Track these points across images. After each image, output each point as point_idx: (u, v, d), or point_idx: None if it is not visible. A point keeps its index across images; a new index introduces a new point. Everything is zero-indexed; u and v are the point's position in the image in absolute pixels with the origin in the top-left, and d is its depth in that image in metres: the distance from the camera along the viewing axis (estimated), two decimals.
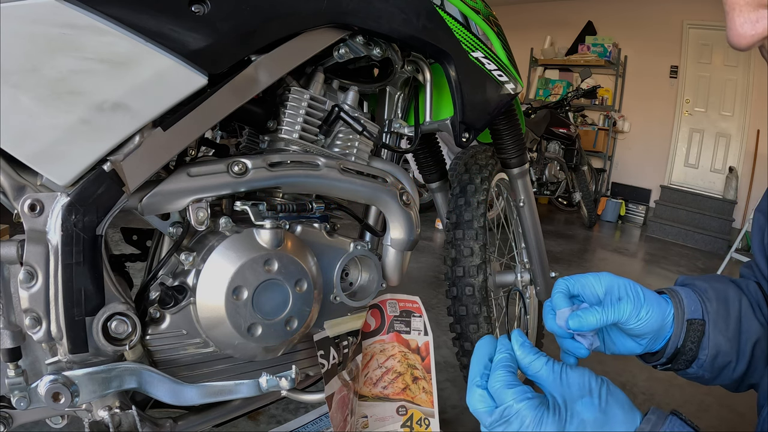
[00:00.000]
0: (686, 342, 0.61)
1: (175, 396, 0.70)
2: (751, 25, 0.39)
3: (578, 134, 4.89)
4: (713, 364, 0.62)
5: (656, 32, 5.76)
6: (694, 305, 0.62)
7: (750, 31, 0.39)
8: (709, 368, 0.62)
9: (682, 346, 0.62)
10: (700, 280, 0.66)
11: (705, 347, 0.61)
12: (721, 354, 0.61)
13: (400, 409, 1.00)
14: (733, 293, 0.64)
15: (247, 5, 0.66)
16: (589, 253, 4.15)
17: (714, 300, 0.62)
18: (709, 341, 0.61)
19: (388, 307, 1.01)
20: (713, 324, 0.61)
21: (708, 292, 0.63)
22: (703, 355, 0.62)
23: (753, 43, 0.40)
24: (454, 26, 0.90)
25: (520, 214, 1.45)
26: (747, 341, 0.62)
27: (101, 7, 0.57)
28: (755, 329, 0.62)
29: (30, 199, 0.59)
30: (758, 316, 0.63)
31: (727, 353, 0.61)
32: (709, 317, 0.61)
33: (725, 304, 0.62)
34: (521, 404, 0.49)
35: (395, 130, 0.97)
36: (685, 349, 0.62)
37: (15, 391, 0.59)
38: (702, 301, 0.62)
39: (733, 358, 0.62)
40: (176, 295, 0.70)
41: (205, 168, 0.69)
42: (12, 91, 0.54)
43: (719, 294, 0.63)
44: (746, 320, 0.62)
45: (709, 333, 0.61)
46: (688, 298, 0.62)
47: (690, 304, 0.62)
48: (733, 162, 5.51)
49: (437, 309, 2.29)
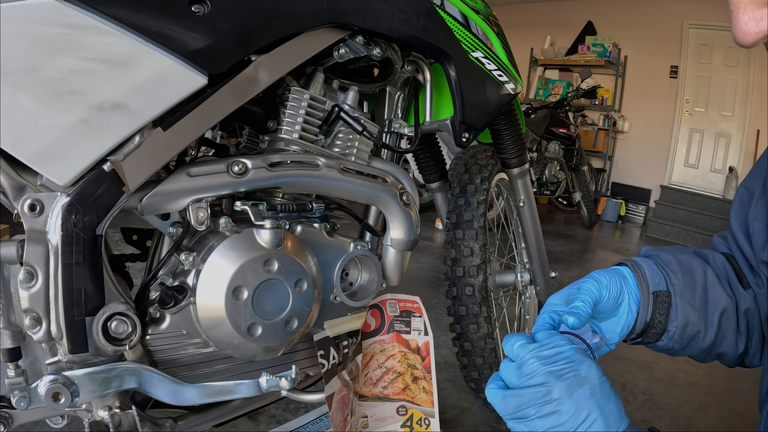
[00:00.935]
0: (654, 315, 0.62)
1: (175, 396, 0.70)
2: (755, 22, 0.40)
3: (578, 134, 4.89)
4: (683, 334, 0.63)
5: (656, 32, 5.75)
6: (657, 278, 0.63)
7: (754, 29, 0.40)
8: (679, 339, 0.63)
9: (651, 320, 0.63)
10: (663, 252, 0.67)
11: (674, 318, 0.62)
12: (690, 324, 0.62)
13: (400, 409, 1.00)
14: (698, 264, 0.65)
15: (247, 5, 0.66)
16: (589, 253, 4.15)
17: (678, 271, 0.63)
18: (678, 312, 0.62)
19: (388, 307, 1.01)
20: (680, 295, 0.62)
21: (672, 264, 0.64)
22: (673, 326, 0.63)
23: (757, 41, 0.41)
24: (454, 26, 0.90)
25: (520, 214, 1.45)
26: (714, 311, 0.63)
27: (101, 7, 0.57)
28: (722, 299, 0.63)
29: (30, 199, 0.59)
30: (726, 288, 0.64)
31: (696, 323, 0.63)
32: (675, 289, 0.62)
33: (690, 275, 0.63)
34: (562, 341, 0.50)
35: (395, 130, 0.97)
36: (654, 322, 0.63)
37: (15, 391, 0.59)
38: (665, 273, 0.63)
39: (702, 327, 0.63)
40: (176, 295, 0.70)
41: (205, 168, 0.69)
42: (12, 91, 0.54)
43: (683, 265, 0.64)
44: (712, 290, 0.63)
45: (676, 304, 0.62)
46: (650, 272, 0.63)
47: (653, 277, 0.62)
48: (733, 162, 5.51)
49: (437, 309, 2.29)
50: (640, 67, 5.96)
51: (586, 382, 0.47)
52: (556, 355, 0.49)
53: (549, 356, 0.49)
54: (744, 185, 0.68)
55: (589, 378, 0.47)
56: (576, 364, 0.48)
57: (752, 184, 0.66)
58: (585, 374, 0.47)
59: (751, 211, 0.64)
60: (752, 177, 0.67)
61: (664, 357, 2.07)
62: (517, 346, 0.51)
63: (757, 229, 0.63)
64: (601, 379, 0.48)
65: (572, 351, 0.49)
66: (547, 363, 0.48)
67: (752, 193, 0.65)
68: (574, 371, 0.48)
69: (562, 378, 0.47)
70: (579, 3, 6.32)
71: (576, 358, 0.49)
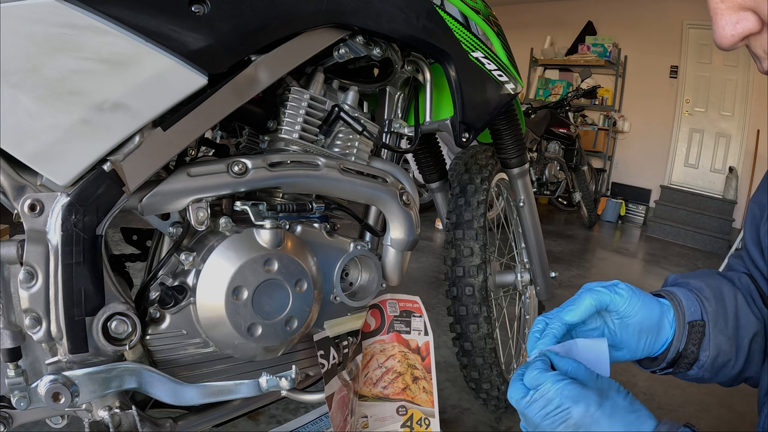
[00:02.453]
0: (688, 345, 0.61)
1: (175, 396, 0.70)
2: (732, 26, 0.42)
3: (578, 134, 4.89)
4: (714, 364, 0.62)
5: (656, 32, 5.75)
6: (693, 306, 0.61)
7: (731, 32, 0.43)
8: (710, 368, 0.62)
9: (684, 349, 0.61)
10: (693, 279, 0.66)
11: (706, 348, 0.61)
12: (722, 354, 0.61)
13: (400, 409, 1.00)
14: (728, 289, 0.63)
15: (247, 5, 0.66)
16: (589, 253, 4.14)
17: (712, 299, 0.62)
18: (710, 342, 0.61)
19: (388, 307, 1.01)
20: (713, 324, 0.61)
21: (704, 290, 0.63)
22: (704, 356, 0.61)
23: (734, 43, 0.43)
24: (454, 26, 0.90)
25: (520, 214, 1.46)
26: (745, 337, 0.62)
27: (101, 7, 0.57)
28: (752, 324, 0.62)
29: (30, 199, 0.59)
30: (753, 310, 0.63)
31: (727, 352, 0.61)
32: (709, 317, 0.61)
33: (722, 302, 0.62)
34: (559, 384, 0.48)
35: (395, 130, 0.97)
36: (687, 352, 0.61)
37: (15, 391, 0.59)
38: (700, 300, 0.62)
39: (732, 356, 0.62)
40: (176, 295, 0.70)
41: (205, 168, 0.69)
42: (12, 91, 0.54)
43: (715, 292, 0.63)
44: (743, 316, 0.62)
45: (709, 333, 0.61)
46: (686, 300, 0.62)
47: (689, 305, 0.61)
48: (733, 162, 5.51)
49: (437, 309, 2.28)
50: (640, 67, 5.96)
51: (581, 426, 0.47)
52: (546, 405, 0.48)
53: (540, 409, 0.48)
54: (753, 201, 0.68)
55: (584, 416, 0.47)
56: (567, 412, 0.47)
57: (762, 199, 0.65)
58: (578, 418, 0.47)
59: (763, 225, 0.64)
60: (761, 192, 0.66)
61: None
62: (515, 402, 0.51)
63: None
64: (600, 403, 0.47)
65: (559, 392, 0.48)
66: (542, 418, 0.48)
67: (763, 208, 0.65)
68: (565, 420, 0.47)
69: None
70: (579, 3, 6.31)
71: (565, 400, 0.47)
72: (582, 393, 0.47)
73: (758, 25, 0.42)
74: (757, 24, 0.42)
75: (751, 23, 0.42)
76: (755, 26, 0.42)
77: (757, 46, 0.44)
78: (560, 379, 0.48)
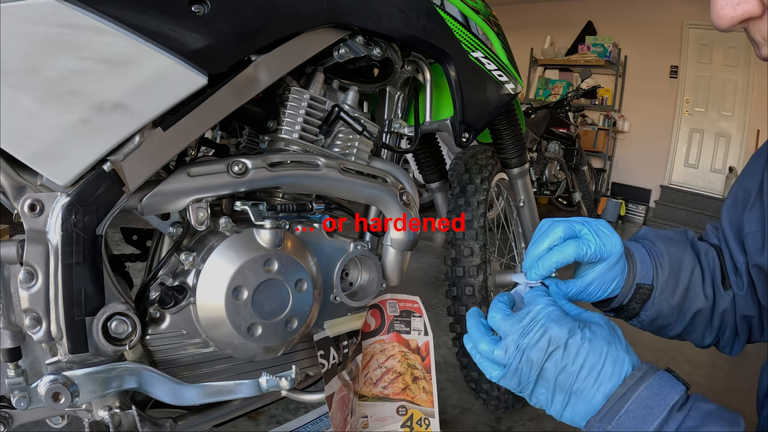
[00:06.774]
0: (631, 302, 0.65)
1: (175, 396, 0.70)
2: (731, 7, 0.42)
3: (578, 134, 4.89)
4: (652, 324, 0.67)
5: (656, 32, 5.75)
6: (646, 270, 0.65)
7: (730, 13, 0.42)
8: (648, 325, 0.67)
9: (626, 305, 0.65)
10: (660, 242, 0.68)
11: (648, 309, 0.65)
12: (661, 317, 0.66)
13: (400, 409, 1.00)
14: (688, 263, 0.66)
15: (247, 5, 0.66)
16: None
17: (667, 267, 0.65)
18: (653, 305, 0.65)
19: (388, 307, 1.01)
20: (659, 291, 0.65)
21: (663, 257, 0.66)
22: (645, 315, 0.66)
23: (733, 24, 0.43)
24: (454, 26, 0.90)
25: (520, 214, 1.46)
26: (689, 309, 0.66)
27: (101, 7, 0.57)
28: (699, 301, 0.66)
29: (30, 199, 0.59)
30: (705, 288, 0.66)
31: (667, 317, 0.66)
32: (658, 284, 0.65)
33: (677, 274, 0.65)
34: (547, 309, 0.50)
35: (395, 130, 0.97)
36: (628, 307, 0.65)
37: (15, 391, 0.59)
38: (655, 266, 0.65)
39: (672, 321, 0.66)
40: (176, 295, 0.70)
41: (205, 168, 0.69)
42: (12, 91, 0.54)
43: (673, 262, 0.66)
44: (693, 291, 0.66)
45: (654, 298, 0.65)
46: (642, 263, 0.65)
47: (642, 269, 0.64)
48: (733, 162, 5.51)
49: (437, 309, 2.28)
50: (640, 67, 5.95)
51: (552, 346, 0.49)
52: (530, 322, 0.51)
53: (518, 323, 0.51)
54: (740, 184, 0.69)
55: (558, 337, 0.49)
56: (544, 329, 0.50)
57: (748, 184, 0.67)
58: (554, 336, 0.49)
59: (746, 213, 0.65)
60: (748, 176, 0.68)
61: (664, 356, 2.07)
62: (495, 322, 0.55)
63: (752, 231, 0.63)
64: (581, 329, 0.49)
65: (545, 312, 0.50)
66: (522, 336, 0.50)
67: (748, 193, 0.66)
68: (541, 338, 0.49)
69: (534, 349, 0.49)
70: (579, 3, 6.31)
71: (548, 320, 0.50)
72: (565, 318, 0.50)
73: (759, 9, 0.42)
74: (758, 8, 0.41)
75: (752, 6, 0.41)
76: (756, 10, 0.42)
77: (755, 31, 0.44)
78: (551, 303, 0.52)
